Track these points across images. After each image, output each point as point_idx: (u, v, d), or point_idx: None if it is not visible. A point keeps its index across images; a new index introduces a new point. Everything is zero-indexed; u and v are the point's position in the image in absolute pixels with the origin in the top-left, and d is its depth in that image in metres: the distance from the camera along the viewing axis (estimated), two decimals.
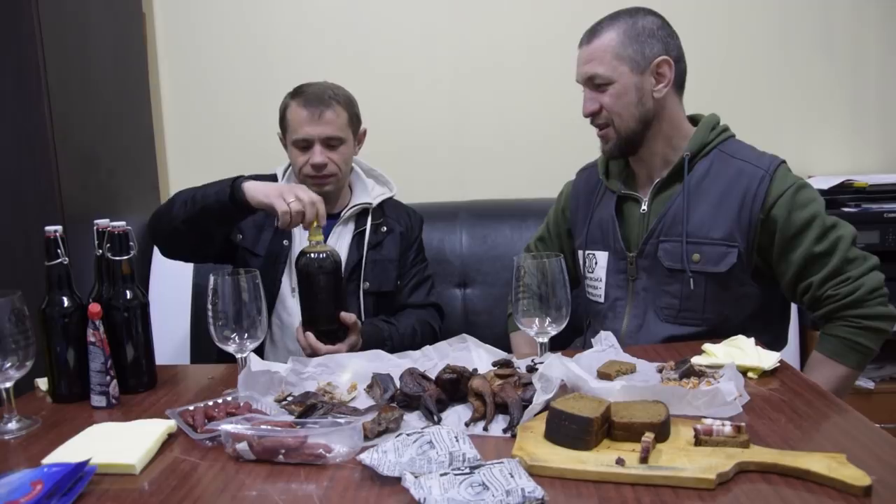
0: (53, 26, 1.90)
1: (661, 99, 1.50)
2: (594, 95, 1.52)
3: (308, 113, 1.68)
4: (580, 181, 1.76)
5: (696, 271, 1.47)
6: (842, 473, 0.83)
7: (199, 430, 1.06)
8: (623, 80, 1.48)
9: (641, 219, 1.56)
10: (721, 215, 1.47)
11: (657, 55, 1.48)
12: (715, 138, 1.53)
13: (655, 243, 1.52)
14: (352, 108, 1.76)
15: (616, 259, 1.59)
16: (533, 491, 0.81)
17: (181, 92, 2.55)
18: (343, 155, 1.73)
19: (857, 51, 2.49)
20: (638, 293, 1.56)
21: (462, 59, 2.50)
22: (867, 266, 1.44)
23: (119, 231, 1.27)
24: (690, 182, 1.50)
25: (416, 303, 1.84)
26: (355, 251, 1.76)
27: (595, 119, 1.54)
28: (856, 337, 1.43)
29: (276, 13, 2.50)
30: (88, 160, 2.07)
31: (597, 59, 1.49)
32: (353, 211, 1.79)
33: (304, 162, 1.70)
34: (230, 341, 1.23)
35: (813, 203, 1.45)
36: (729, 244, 1.46)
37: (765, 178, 1.46)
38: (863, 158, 2.51)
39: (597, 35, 1.51)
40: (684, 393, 1.05)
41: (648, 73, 1.48)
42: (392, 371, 1.24)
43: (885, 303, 1.44)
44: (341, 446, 0.96)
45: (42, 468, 0.92)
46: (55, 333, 1.24)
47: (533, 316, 1.23)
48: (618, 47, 1.48)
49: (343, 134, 1.72)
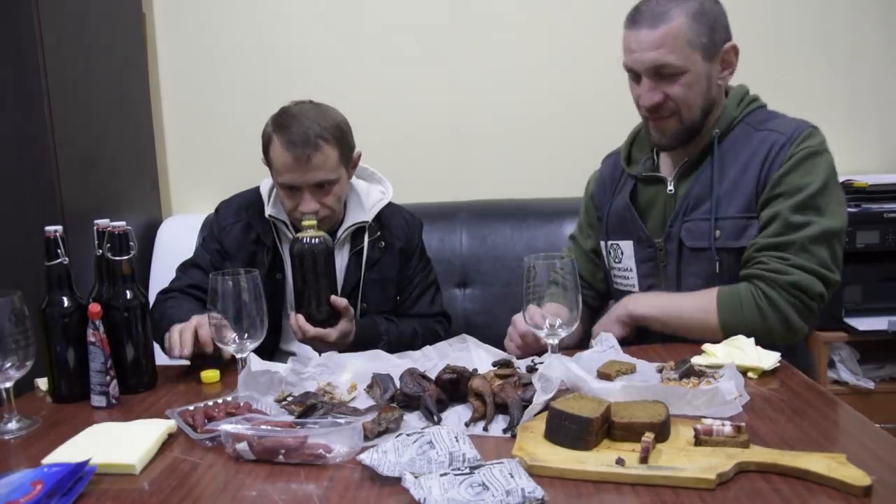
0: (53, 26, 1.90)
1: (722, 86, 1.44)
2: (657, 84, 1.40)
3: (293, 159, 1.54)
4: (605, 169, 1.69)
5: (718, 248, 1.41)
6: (842, 473, 0.83)
7: (199, 430, 1.06)
8: (696, 69, 1.38)
9: (668, 200, 1.50)
10: (741, 188, 1.41)
11: (725, 40, 1.41)
12: (742, 111, 1.48)
13: (680, 224, 1.47)
14: (342, 140, 1.61)
15: (642, 247, 1.53)
16: (533, 491, 0.81)
17: (181, 92, 2.55)
18: (336, 194, 1.62)
19: (856, 51, 2.49)
20: (670, 278, 1.50)
21: (462, 59, 2.50)
22: (813, 266, 1.34)
23: (119, 231, 1.27)
24: (716, 158, 1.43)
25: (420, 313, 1.77)
26: (353, 272, 1.69)
27: (659, 109, 1.43)
28: (747, 306, 1.34)
29: (275, 13, 2.50)
30: (88, 160, 2.07)
31: (667, 46, 1.36)
32: (349, 231, 1.70)
33: (294, 207, 1.60)
34: (230, 341, 1.23)
35: (815, 173, 1.37)
36: (749, 216, 1.40)
37: (785, 144, 1.38)
38: (863, 158, 2.51)
39: (662, 18, 1.37)
40: (684, 392, 1.05)
41: (717, 60, 1.41)
42: (392, 371, 1.24)
43: (797, 306, 1.34)
44: (341, 446, 0.96)
45: (42, 468, 0.91)
46: (55, 333, 1.24)
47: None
48: (690, 33, 1.36)
49: (335, 175, 1.59)
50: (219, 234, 1.74)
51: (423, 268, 1.82)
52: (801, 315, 1.35)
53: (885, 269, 2.17)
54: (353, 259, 1.70)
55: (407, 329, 1.69)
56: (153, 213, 2.48)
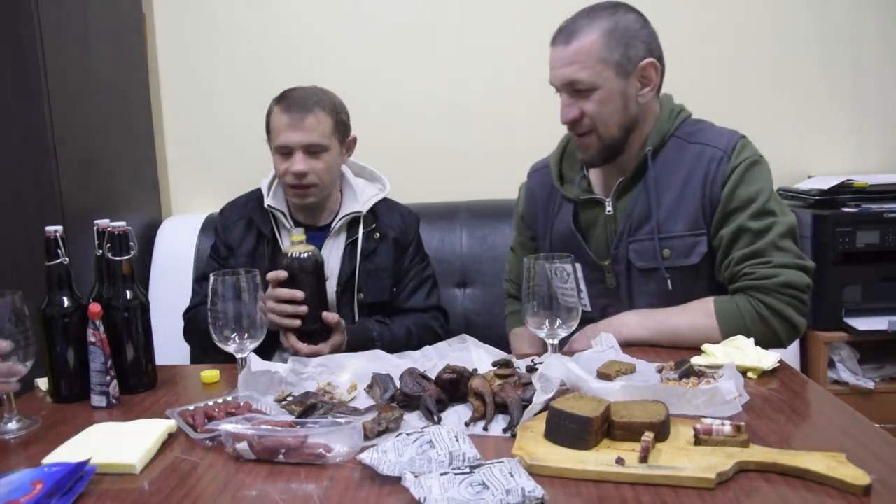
0: (53, 26, 1.90)
1: (645, 103, 1.44)
2: (574, 101, 1.42)
3: (289, 119, 1.62)
4: (534, 184, 1.67)
5: (668, 267, 1.43)
6: (841, 473, 0.83)
7: (199, 430, 1.06)
8: (608, 86, 1.39)
9: (608, 221, 1.50)
10: (684, 205, 1.42)
11: (643, 57, 1.40)
12: (673, 124, 1.47)
13: (626, 245, 1.47)
14: (338, 114, 1.68)
15: (590, 270, 1.54)
16: (533, 490, 0.81)
17: (181, 92, 2.55)
18: (327, 163, 1.66)
19: (857, 50, 2.49)
20: (622, 299, 1.51)
21: (462, 59, 2.50)
22: (793, 261, 1.37)
23: (119, 231, 1.27)
24: (651, 176, 1.44)
25: (415, 307, 1.77)
26: (348, 262, 1.71)
27: (575, 126, 1.44)
28: (749, 318, 1.35)
29: (275, 13, 2.50)
30: (88, 160, 2.07)
31: (578, 63, 1.38)
32: (344, 221, 1.73)
33: (285, 170, 1.65)
34: (230, 341, 1.23)
35: (760, 181, 1.40)
36: (696, 233, 1.42)
37: (723, 158, 1.40)
38: (863, 158, 2.51)
39: (575, 35, 1.39)
40: (684, 392, 1.05)
41: (634, 77, 1.41)
42: (392, 371, 1.24)
43: (794, 304, 1.36)
44: (341, 446, 0.96)
45: (42, 468, 0.92)
46: (55, 333, 1.24)
47: (543, 318, 1.22)
48: (601, 50, 1.37)
49: (326, 141, 1.65)
50: (223, 232, 1.79)
51: (419, 262, 1.83)
52: (798, 311, 1.37)
53: (885, 269, 2.17)
54: (348, 249, 1.72)
55: (400, 331, 1.69)
56: (153, 213, 2.48)
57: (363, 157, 1.87)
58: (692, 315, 1.39)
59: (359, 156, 1.85)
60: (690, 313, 1.40)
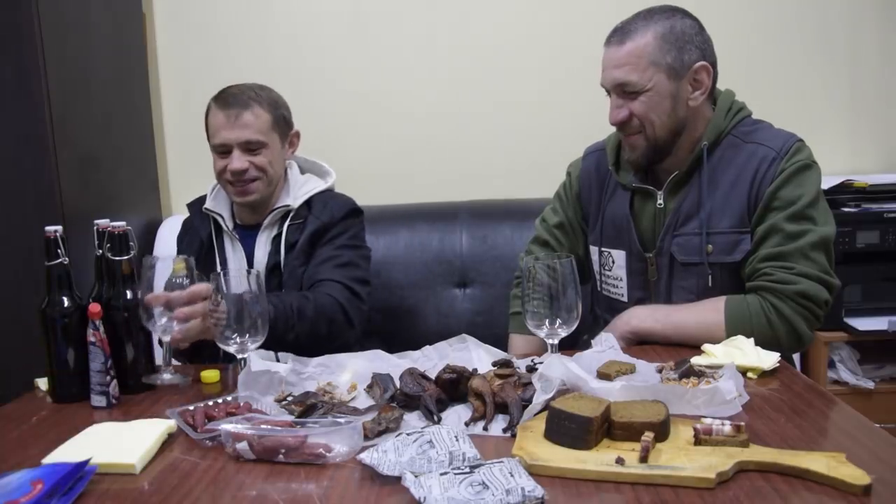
0: (53, 26, 1.90)
1: (695, 107, 1.44)
2: (623, 102, 1.43)
3: (225, 116, 1.60)
4: (590, 165, 1.66)
5: (710, 263, 1.43)
6: (841, 472, 0.83)
7: (199, 429, 1.06)
8: (658, 88, 1.40)
9: (658, 214, 1.50)
10: (732, 202, 1.42)
11: (695, 61, 1.41)
12: (730, 122, 1.47)
13: (670, 239, 1.47)
14: (277, 109, 1.65)
15: (634, 260, 1.54)
16: (533, 490, 0.81)
17: (181, 92, 2.55)
18: (267, 158, 1.63)
19: (856, 51, 2.49)
20: (660, 293, 1.51)
21: (462, 58, 2.50)
22: (817, 273, 1.35)
23: (119, 231, 1.27)
24: (705, 172, 1.44)
25: (319, 277, 1.60)
26: (273, 256, 1.67)
27: (624, 127, 1.45)
28: (756, 318, 1.34)
29: (275, 13, 2.50)
30: (88, 160, 2.07)
31: (630, 65, 1.39)
32: (274, 216, 1.68)
33: (223, 167, 1.62)
34: (231, 341, 1.23)
35: (807, 185, 1.38)
36: (741, 231, 1.41)
37: (776, 159, 1.39)
38: (863, 158, 2.51)
39: (630, 37, 1.40)
40: (684, 392, 1.05)
41: (685, 80, 1.41)
42: (392, 371, 1.24)
43: (806, 316, 1.35)
44: (341, 446, 0.96)
45: (42, 468, 0.92)
46: (55, 333, 1.24)
47: (543, 318, 1.22)
48: (654, 52, 1.38)
49: (264, 138, 1.62)
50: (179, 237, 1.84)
51: (341, 245, 1.67)
52: (808, 324, 1.36)
53: (885, 269, 2.17)
54: (273, 244, 1.69)
55: (291, 296, 1.52)
56: (153, 213, 2.48)
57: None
58: (701, 310, 1.40)
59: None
60: (700, 308, 1.40)
